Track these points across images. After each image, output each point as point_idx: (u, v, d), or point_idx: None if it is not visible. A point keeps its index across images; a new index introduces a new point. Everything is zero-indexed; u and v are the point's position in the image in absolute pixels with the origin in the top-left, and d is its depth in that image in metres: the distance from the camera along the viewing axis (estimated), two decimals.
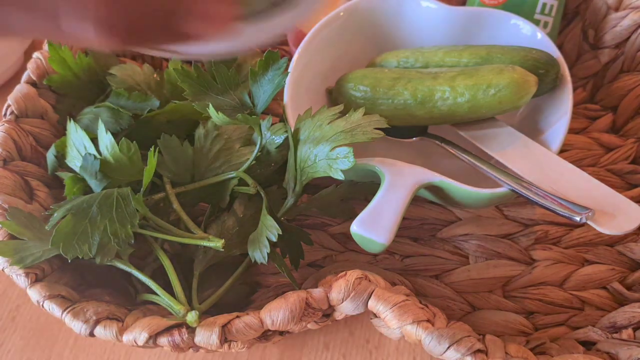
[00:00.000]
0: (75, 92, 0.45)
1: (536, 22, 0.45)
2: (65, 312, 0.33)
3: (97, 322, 0.33)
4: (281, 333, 0.34)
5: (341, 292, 0.32)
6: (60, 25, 0.16)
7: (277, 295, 0.35)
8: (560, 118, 0.38)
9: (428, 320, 0.31)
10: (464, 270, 0.42)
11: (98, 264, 0.35)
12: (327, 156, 0.34)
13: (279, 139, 0.38)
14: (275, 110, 0.50)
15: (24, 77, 0.44)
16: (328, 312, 0.33)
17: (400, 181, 0.35)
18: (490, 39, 0.42)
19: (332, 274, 0.34)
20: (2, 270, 0.35)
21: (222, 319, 0.33)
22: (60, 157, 0.41)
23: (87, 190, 0.38)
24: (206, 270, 0.38)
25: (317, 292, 0.32)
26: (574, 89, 0.45)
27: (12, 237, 0.36)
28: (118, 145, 0.36)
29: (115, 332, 0.33)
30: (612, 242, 0.42)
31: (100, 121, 0.37)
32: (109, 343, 0.41)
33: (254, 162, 0.39)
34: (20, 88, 0.43)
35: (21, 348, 0.41)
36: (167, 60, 0.52)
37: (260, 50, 0.47)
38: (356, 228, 0.34)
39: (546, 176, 0.35)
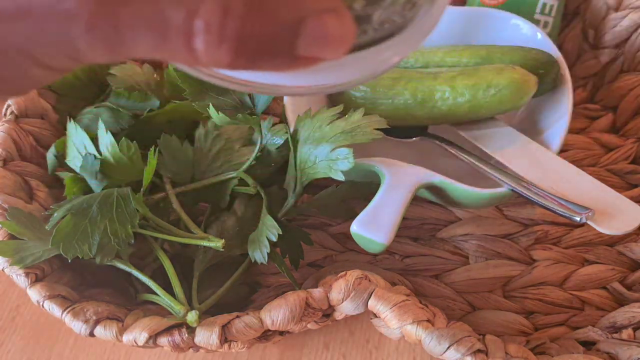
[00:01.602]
0: (75, 92, 0.45)
1: (536, 22, 0.45)
2: (65, 312, 0.33)
3: (97, 322, 0.33)
4: (281, 333, 0.34)
5: (341, 292, 0.32)
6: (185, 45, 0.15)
7: (277, 295, 0.35)
8: (560, 118, 0.38)
9: (428, 320, 0.31)
10: (464, 270, 0.42)
11: (98, 264, 0.35)
12: (327, 157, 0.34)
13: (279, 140, 0.38)
14: (275, 110, 0.50)
15: None
16: (328, 312, 0.33)
17: (400, 181, 0.35)
18: (490, 39, 0.42)
19: (332, 274, 0.34)
20: (2, 270, 0.35)
21: (222, 319, 0.33)
22: (60, 157, 0.41)
23: (87, 190, 0.38)
24: (206, 270, 0.38)
25: (317, 292, 0.32)
26: (574, 89, 0.45)
27: (12, 237, 0.36)
28: (118, 145, 0.36)
29: (115, 332, 0.33)
30: (612, 242, 0.42)
31: (100, 121, 0.37)
32: (109, 343, 0.41)
33: (254, 162, 0.39)
34: None
35: (21, 348, 0.41)
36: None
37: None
38: (356, 228, 0.34)
39: (546, 176, 0.35)
